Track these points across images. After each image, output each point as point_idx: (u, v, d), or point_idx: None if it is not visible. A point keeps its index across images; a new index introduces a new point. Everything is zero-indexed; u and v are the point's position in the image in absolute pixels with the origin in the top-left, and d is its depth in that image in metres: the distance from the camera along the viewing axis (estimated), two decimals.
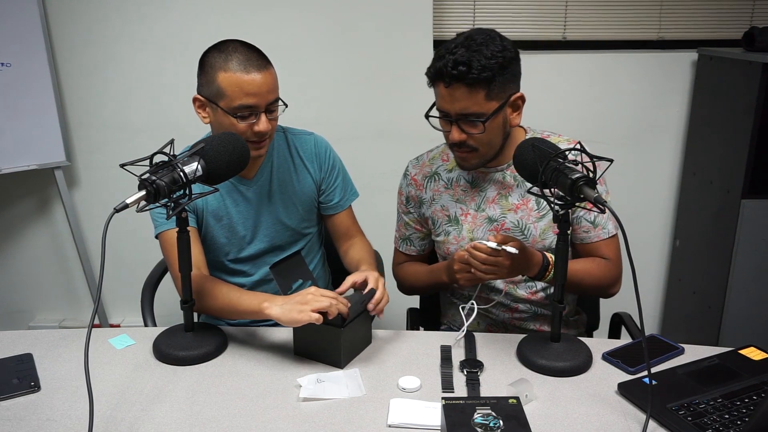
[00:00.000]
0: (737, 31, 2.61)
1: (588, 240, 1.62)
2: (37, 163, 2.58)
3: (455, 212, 1.66)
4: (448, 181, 1.68)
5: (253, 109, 1.50)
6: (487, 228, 1.63)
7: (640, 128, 2.76)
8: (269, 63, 1.53)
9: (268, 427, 1.20)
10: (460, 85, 1.44)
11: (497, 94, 1.46)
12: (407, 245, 1.79)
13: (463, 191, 1.66)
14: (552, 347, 1.40)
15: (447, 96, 1.47)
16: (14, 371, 1.36)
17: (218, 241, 1.68)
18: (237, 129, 1.50)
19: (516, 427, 1.05)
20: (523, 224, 1.61)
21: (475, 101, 1.45)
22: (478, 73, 1.42)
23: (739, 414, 1.18)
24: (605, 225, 1.61)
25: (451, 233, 1.67)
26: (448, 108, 1.49)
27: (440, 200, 1.68)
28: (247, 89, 1.48)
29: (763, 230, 2.34)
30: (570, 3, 2.68)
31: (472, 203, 1.65)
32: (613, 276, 1.63)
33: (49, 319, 2.97)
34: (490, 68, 1.42)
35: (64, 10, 2.57)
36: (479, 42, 1.44)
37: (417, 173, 1.72)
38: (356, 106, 2.69)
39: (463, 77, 1.42)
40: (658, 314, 3.00)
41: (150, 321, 1.75)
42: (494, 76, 1.43)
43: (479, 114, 1.46)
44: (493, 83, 1.44)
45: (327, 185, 1.75)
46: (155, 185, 1.22)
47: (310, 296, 1.37)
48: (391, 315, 2.00)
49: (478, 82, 1.43)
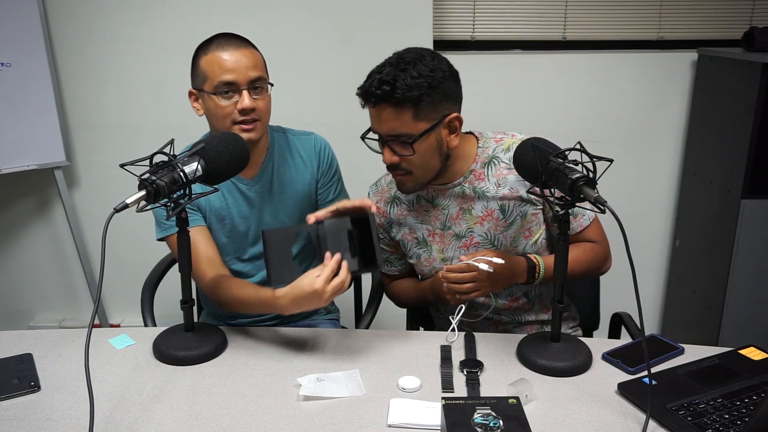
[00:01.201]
0: (737, 31, 2.61)
1: (572, 232, 1.58)
2: (37, 163, 2.58)
3: (422, 234, 1.63)
4: (409, 203, 1.64)
5: (234, 85, 1.51)
6: (456, 245, 1.60)
7: (640, 128, 2.76)
8: (250, 44, 1.56)
9: (268, 427, 1.20)
10: (386, 105, 1.40)
11: (427, 115, 1.41)
12: (388, 266, 1.77)
13: (425, 211, 1.62)
14: (552, 347, 1.40)
15: (375, 116, 1.44)
16: (14, 371, 1.36)
17: (220, 242, 1.68)
18: (222, 110, 1.51)
19: (516, 427, 1.04)
20: (492, 235, 1.58)
21: (403, 122, 1.40)
22: (403, 93, 1.37)
23: (739, 414, 1.18)
24: (583, 213, 1.58)
25: (422, 255, 1.64)
26: (377, 129, 1.45)
27: (406, 223, 1.65)
28: (224, 66, 1.50)
29: (763, 230, 2.34)
30: (570, 3, 2.68)
31: (437, 222, 1.61)
32: (602, 256, 1.61)
33: (49, 319, 2.97)
34: (416, 87, 1.37)
35: (64, 10, 2.57)
36: (407, 61, 1.40)
37: (378, 200, 1.69)
38: (356, 106, 2.66)
39: (388, 97, 1.38)
40: (658, 314, 3.00)
41: (150, 321, 1.75)
42: (422, 96, 1.38)
43: (407, 135, 1.41)
44: (421, 103, 1.39)
45: (324, 182, 1.75)
46: (155, 185, 1.22)
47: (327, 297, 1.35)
48: (391, 315, 2.00)
49: (403, 102, 1.38)
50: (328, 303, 1.37)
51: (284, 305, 1.40)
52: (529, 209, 1.56)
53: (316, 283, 1.34)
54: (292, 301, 1.38)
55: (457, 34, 2.71)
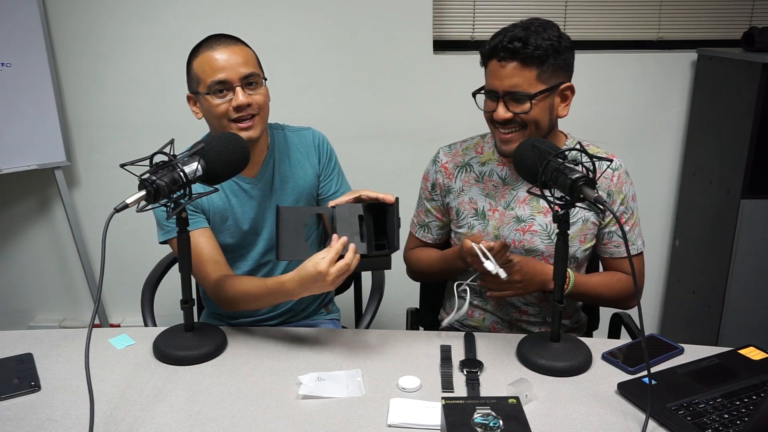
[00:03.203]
0: (737, 31, 2.61)
1: (617, 255, 1.63)
2: (37, 163, 2.58)
3: (483, 206, 1.65)
4: (479, 174, 1.66)
5: (226, 83, 1.51)
6: (513, 227, 1.62)
7: (640, 128, 2.76)
8: (240, 41, 1.56)
9: (268, 427, 1.20)
10: (513, 61, 1.45)
11: (548, 78, 1.47)
12: (424, 232, 1.77)
13: (494, 186, 1.64)
14: (552, 347, 1.40)
15: (498, 72, 1.47)
16: (14, 371, 1.36)
17: (227, 243, 1.67)
18: (218, 109, 1.52)
19: (516, 427, 1.05)
20: (552, 228, 1.60)
21: (525, 79, 1.45)
22: (533, 50, 1.43)
23: (739, 414, 1.18)
24: (635, 241, 1.63)
25: (476, 227, 1.65)
26: (497, 85, 1.49)
27: (469, 192, 1.66)
28: (215, 65, 1.50)
29: (763, 230, 2.34)
30: (570, 3, 2.68)
31: (501, 200, 1.63)
32: (632, 291, 1.62)
33: (49, 319, 2.97)
34: (544, 48, 1.43)
35: (64, 10, 2.57)
36: (538, 25, 1.47)
37: (448, 161, 1.70)
38: (356, 106, 2.69)
39: (517, 52, 1.43)
40: (658, 314, 3.00)
41: (150, 321, 1.75)
42: (547, 57, 1.44)
43: (527, 93, 1.46)
44: (546, 65, 1.45)
45: (325, 176, 1.75)
46: (155, 185, 1.22)
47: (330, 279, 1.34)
48: (391, 315, 2.00)
49: (531, 59, 1.44)
50: (334, 286, 1.36)
51: (291, 288, 1.40)
52: (591, 217, 1.59)
53: (321, 265, 1.34)
54: (298, 283, 1.38)
55: (457, 34, 2.71)
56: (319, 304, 1.86)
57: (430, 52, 2.62)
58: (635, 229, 1.64)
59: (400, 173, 2.70)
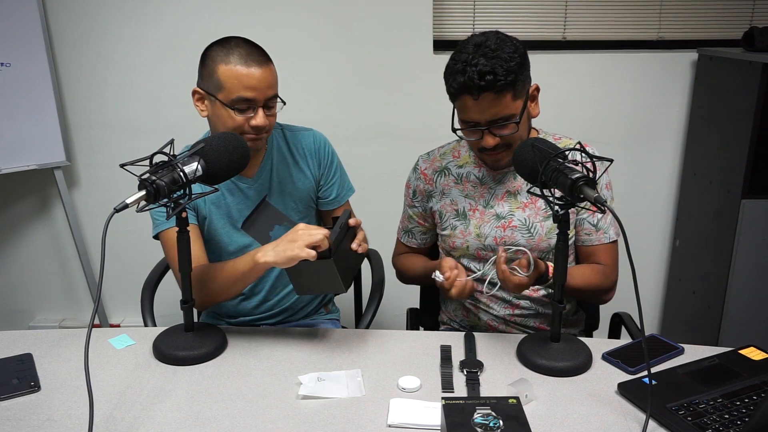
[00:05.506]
0: (737, 31, 2.61)
1: (589, 243, 1.64)
2: (37, 163, 2.58)
3: (464, 207, 1.68)
4: (458, 176, 1.70)
5: (251, 102, 1.51)
6: (494, 224, 1.64)
7: (640, 128, 2.76)
8: (270, 60, 1.55)
9: (268, 427, 1.20)
10: (488, 94, 1.45)
11: (520, 92, 1.49)
12: (408, 237, 1.82)
13: (472, 187, 1.68)
14: (552, 347, 1.40)
15: (475, 107, 1.48)
16: (14, 371, 1.36)
17: (215, 239, 1.67)
18: (234, 122, 1.51)
19: (516, 427, 1.05)
20: (530, 222, 1.62)
21: (504, 105, 1.47)
22: (504, 77, 1.43)
23: (739, 414, 1.18)
24: (607, 230, 1.63)
25: (457, 227, 1.68)
26: (477, 118, 1.50)
27: (449, 195, 1.70)
28: (246, 82, 1.49)
29: (763, 230, 2.34)
30: (570, 3, 2.68)
31: (481, 199, 1.66)
32: (609, 283, 1.65)
33: (49, 319, 2.97)
34: (513, 71, 1.45)
35: (64, 10, 2.57)
36: (494, 47, 1.46)
37: (427, 167, 1.73)
38: (356, 106, 2.69)
39: (491, 86, 1.44)
40: (658, 314, 3.00)
41: (150, 321, 1.75)
42: (517, 77, 1.46)
43: (510, 116, 1.49)
44: (517, 83, 1.47)
45: (325, 181, 1.75)
46: (155, 185, 1.22)
47: (301, 232, 1.36)
48: (391, 315, 2.00)
49: (504, 87, 1.45)
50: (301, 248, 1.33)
51: (264, 253, 1.40)
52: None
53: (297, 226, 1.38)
54: (271, 247, 1.39)
55: (457, 34, 2.71)
56: (318, 304, 1.86)
57: (430, 52, 2.62)
58: (607, 218, 1.64)
59: (400, 173, 2.68)
